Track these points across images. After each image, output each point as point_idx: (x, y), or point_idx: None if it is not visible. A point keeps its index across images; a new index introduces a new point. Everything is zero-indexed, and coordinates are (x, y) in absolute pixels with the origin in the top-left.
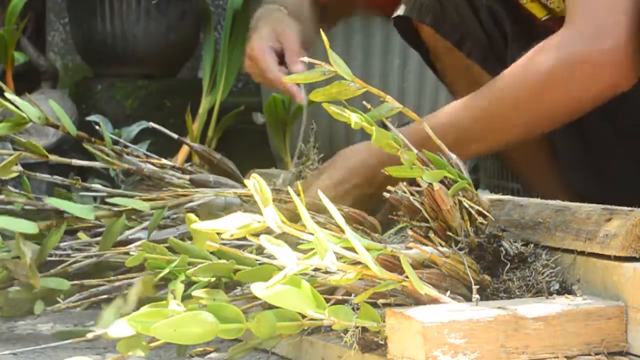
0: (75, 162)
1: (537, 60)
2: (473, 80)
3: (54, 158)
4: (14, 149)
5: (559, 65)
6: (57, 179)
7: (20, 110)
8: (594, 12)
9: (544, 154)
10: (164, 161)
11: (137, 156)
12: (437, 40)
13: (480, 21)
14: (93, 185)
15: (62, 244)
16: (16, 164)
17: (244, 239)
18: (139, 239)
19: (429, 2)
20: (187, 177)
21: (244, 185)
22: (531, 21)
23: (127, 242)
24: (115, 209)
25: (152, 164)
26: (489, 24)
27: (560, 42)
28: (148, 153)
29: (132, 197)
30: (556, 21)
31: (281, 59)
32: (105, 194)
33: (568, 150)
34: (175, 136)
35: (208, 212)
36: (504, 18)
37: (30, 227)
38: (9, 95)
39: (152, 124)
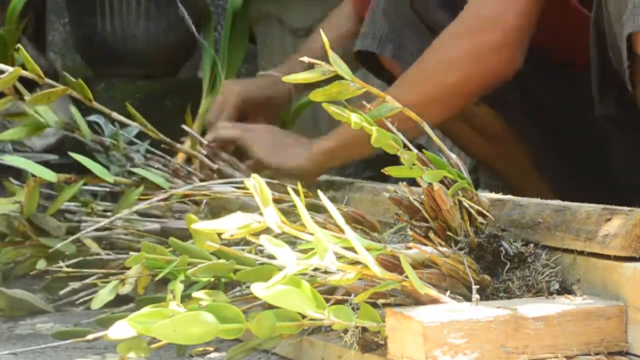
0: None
1: (443, 43)
2: None
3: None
4: None
5: (455, 49)
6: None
7: (39, 115)
8: (486, 6)
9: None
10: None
11: (145, 156)
12: (398, 67)
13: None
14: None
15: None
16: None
17: (244, 238)
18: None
19: (387, 32)
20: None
21: None
22: None
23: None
24: (135, 178)
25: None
26: None
27: (459, 28)
28: (149, 149)
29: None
30: None
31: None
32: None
33: (538, 147)
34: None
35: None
36: None
37: (49, 174)
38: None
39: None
